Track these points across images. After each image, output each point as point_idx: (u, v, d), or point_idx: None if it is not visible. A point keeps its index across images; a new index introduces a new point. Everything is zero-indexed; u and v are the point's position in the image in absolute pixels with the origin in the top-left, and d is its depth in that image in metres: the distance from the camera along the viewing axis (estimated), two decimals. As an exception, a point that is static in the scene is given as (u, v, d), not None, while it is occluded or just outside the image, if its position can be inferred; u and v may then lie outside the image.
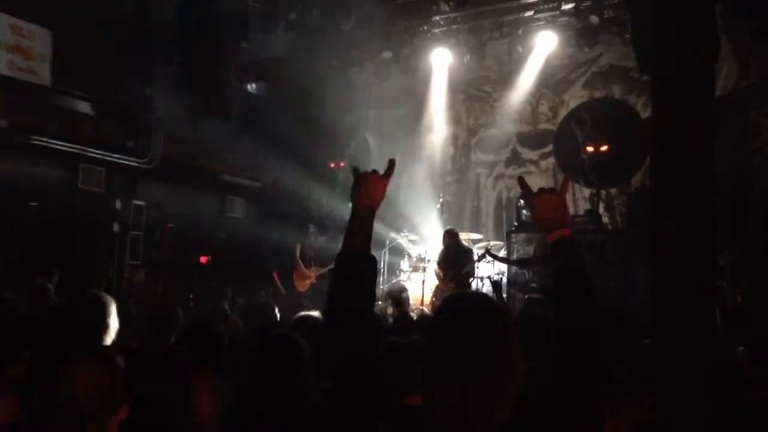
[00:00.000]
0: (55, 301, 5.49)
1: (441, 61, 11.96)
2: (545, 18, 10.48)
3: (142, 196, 9.96)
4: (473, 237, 10.57)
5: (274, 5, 10.16)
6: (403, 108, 13.08)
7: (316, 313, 3.68)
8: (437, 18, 10.91)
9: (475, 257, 9.08)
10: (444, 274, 8.88)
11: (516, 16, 10.69)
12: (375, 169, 1.80)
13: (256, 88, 12.97)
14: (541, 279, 8.41)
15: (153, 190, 10.18)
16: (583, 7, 9.80)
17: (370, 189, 1.75)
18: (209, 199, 11.48)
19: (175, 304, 5.22)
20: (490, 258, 9.21)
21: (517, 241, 9.48)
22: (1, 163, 7.95)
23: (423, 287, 9.65)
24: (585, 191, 11.06)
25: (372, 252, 1.68)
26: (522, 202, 9.68)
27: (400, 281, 10.14)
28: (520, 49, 10.99)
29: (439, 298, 8.98)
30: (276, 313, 5.03)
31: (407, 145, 12.59)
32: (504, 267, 9.57)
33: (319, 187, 11.55)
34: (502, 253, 9.97)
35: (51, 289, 6.62)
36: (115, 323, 2.72)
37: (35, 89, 8.35)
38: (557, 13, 10.25)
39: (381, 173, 1.80)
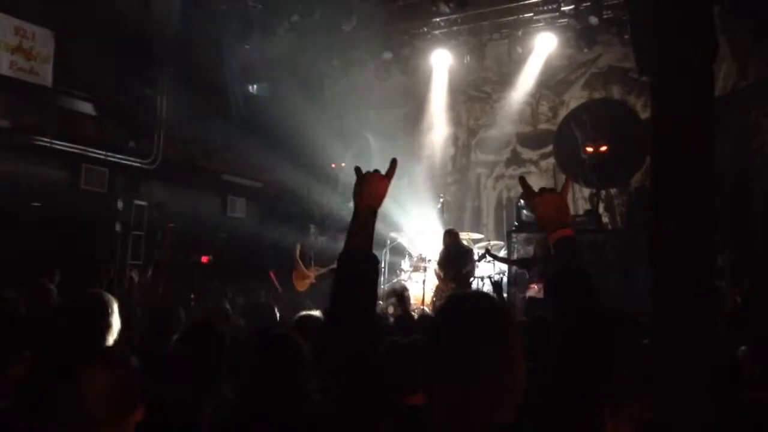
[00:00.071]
0: (57, 300, 5.51)
1: (441, 62, 11.98)
2: (545, 19, 10.48)
3: (143, 196, 9.96)
4: (474, 237, 10.58)
5: (275, 6, 10.17)
6: (403, 108, 13.08)
7: (317, 312, 3.68)
8: (437, 19, 10.92)
9: (476, 257, 9.09)
10: (444, 274, 8.88)
11: (516, 17, 10.69)
12: (377, 169, 1.80)
13: (257, 88, 13.00)
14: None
15: (155, 190, 10.18)
16: (583, 8, 9.81)
17: (371, 189, 1.75)
18: (210, 199, 11.49)
19: (177, 304, 5.23)
20: (490, 258, 9.21)
21: (517, 241, 9.49)
22: (3, 163, 7.96)
23: (423, 287, 9.65)
24: (585, 191, 11.07)
25: (373, 252, 1.69)
26: (522, 202, 9.68)
27: (401, 281, 10.15)
28: (520, 50, 11.00)
29: (440, 298, 8.98)
30: (276, 312, 5.04)
31: (408, 146, 12.59)
32: (504, 267, 9.58)
33: (320, 187, 11.56)
34: (503, 253, 9.97)
35: (53, 289, 6.65)
36: (117, 323, 2.72)
37: (37, 90, 8.36)
38: (557, 14, 10.26)
39: (382, 173, 1.80)
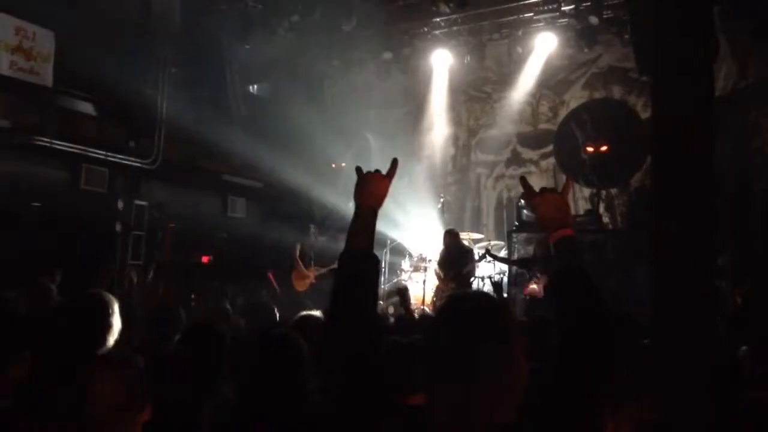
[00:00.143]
0: (57, 300, 5.50)
1: (441, 62, 11.98)
2: (545, 19, 10.49)
3: (144, 197, 9.96)
4: (474, 237, 10.58)
5: (275, 6, 10.17)
6: (403, 108, 13.09)
7: (317, 312, 3.68)
8: (437, 19, 10.93)
9: (476, 257, 9.09)
10: (444, 274, 8.88)
11: (516, 17, 10.69)
12: (378, 169, 1.80)
13: (257, 88, 13.00)
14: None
15: (155, 190, 10.18)
16: (583, 7, 9.81)
17: (372, 189, 1.74)
18: (211, 199, 11.49)
19: (177, 304, 5.23)
20: (490, 258, 9.21)
21: (517, 241, 9.50)
22: (3, 163, 7.95)
23: (424, 287, 9.65)
24: (585, 191, 11.07)
25: (373, 252, 1.68)
26: (522, 201, 9.69)
27: (401, 281, 10.15)
28: (520, 50, 11.00)
29: (440, 298, 8.98)
30: (275, 313, 5.04)
31: (408, 146, 12.60)
32: (504, 267, 9.59)
33: (320, 187, 11.56)
34: (503, 253, 9.97)
35: (53, 289, 6.64)
36: (118, 323, 2.72)
37: (37, 90, 8.35)
38: (557, 14, 10.26)
39: (383, 173, 1.79)
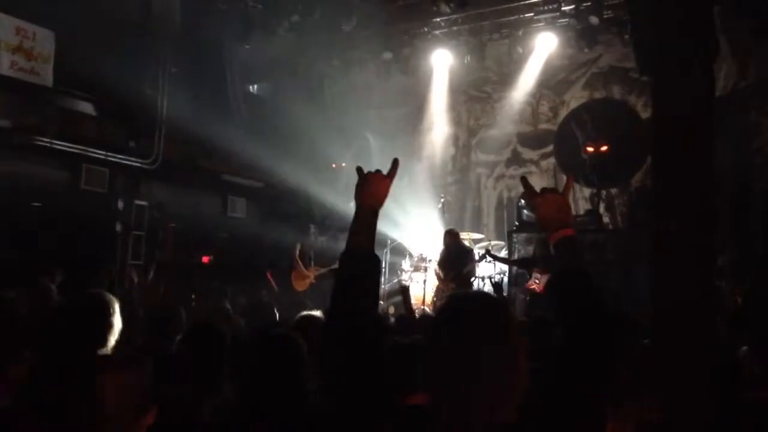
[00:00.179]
0: (58, 300, 5.50)
1: (441, 62, 11.98)
2: (545, 19, 10.49)
3: (144, 196, 9.95)
4: (474, 237, 10.58)
5: (275, 6, 10.17)
6: (403, 108, 13.08)
7: (318, 312, 3.68)
8: (438, 19, 10.93)
9: (476, 257, 9.09)
10: (445, 274, 8.88)
11: (516, 17, 10.69)
12: (378, 169, 1.80)
13: (258, 88, 13.01)
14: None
15: (155, 190, 10.17)
16: (583, 7, 9.81)
17: (373, 189, 1.74)
18: (211, 199, 11.48)
19: (178, 304, 5.23)
20: (490, 258, 9.21)
21: (518, 241, 9.49)
22: (3, 163, 7.95)
23: (424, 287, 9.65)
24: (585, 191, 11.07)
25: (375, 252, 1.68)
26: (523, 201, 9.69)
27: (402, 281, 10.14)
28: (521, 49, 11.00)
29: (440, 298, 8.98)
30: (276, 312, 5.04)
31: (408, 146, 12.60)
32: (505, 267, 9.59)
33: (320, 187, 11.55)
34: (503, 253, 9.97)
35: (53, 289, 6.64)
36: (119, 323, 2.72)
37: (38, 90, 8.35)
38: (557, 14, 10.26)
39: (384, 173, 1.79)
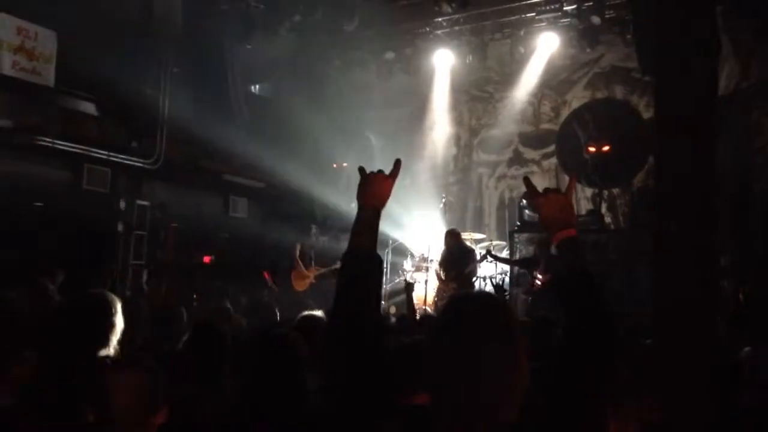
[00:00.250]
0: (58, 300, 5.51)
1: (443, 62, 11.98)
2: (547, 19, 10.47)
3: (146, 197, 9.96)
4: (476, 237, 10.57)
5: (277, 6, 10.17)
6: (405, 108, 13.08)
7: (319, 312, 3.69)
8: (439, 19, 10.92)
9: (477, 257, 9.08)
10: (446, 274, 8.87)
11: (518, 17, 10.68)
12: (381, 169, 1.80)
13: (259, 88, 13.00)
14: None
15: (157, 190, 10.18)
16: (585, 7, 9.80)
17: (375, 189, 1.74)
18: (212, 199, 11.49)
19: (179, 304, 5.25)
20: (491, 258, 9.20)
21: (519, 241, 9.50)
22: (5, 163, 7.96)
23: (426, 287, 9.63)
24: (587, 191, 11.06)
25: (377, 252, 1.68)
26: (524, 201, 9.69)
27: (403, 281, 10.13)
28: (522, 49, 11.00)
29: (441, 299, 8.98)
30: (277, 312, 5.06)
31: (410, 146, 12.59)
32: (506, 267, 9.59)
33: (322, 187, 11.55)
34: (505, 253, 9.97)
35: (51, 288, 6.65)
36: (121, 322, 2.72)
37: (40, 90, 8.35)
38: (559, 14, 10.24)
39: (386, 173, 1.79)
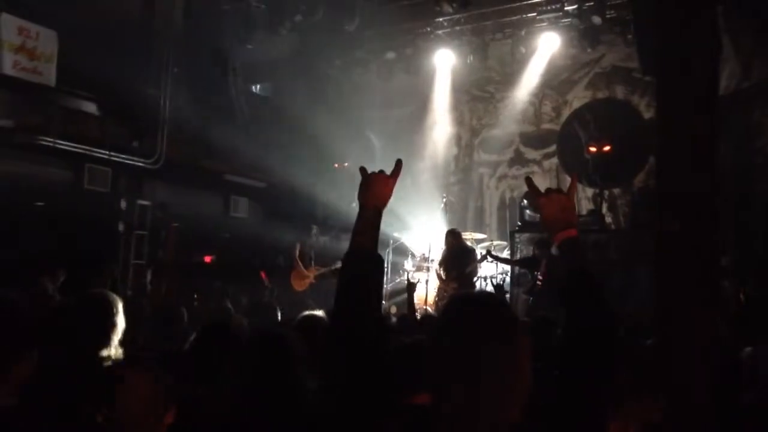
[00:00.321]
0: (59, 300, 5.52)
1: (444, 62, 11.99)
2: (548, 19, 10.47)
3: (146, 196, 9.97)
4: (476, 237, 10.57)
5: (278, 6, 10.18)
6: (406, 108, 13.08)
7: (320, 312, 3.69)
8: (440, 19, 10.93)
9: (478, 257, 9.08)
10: (446, 274, 8.88)
11: (519, 17, 10.69)
12: (382, 169, 1.80)
13: (260, 88, 13.01)
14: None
15: (158, 190, 10.19)
16: (586, 7, 9.80)
17: (377, 189, 1.75)
18: (213, 199, 11.49)
19: (180, 304, 5.26)
20: (491, 259, 9.21)
21: (520, 241, 9.50)
22: (6, 163, 7.97)
23: (427, 287, 9.64)
24: (588, 191, 11.05)
25: (378, 252, 1.69)
26: (525, 202, 9.69)
27: (404, 281, 10.14)
28: (523, 49, 11.00)
29: (442, 298, 8.98)
30: (278, 312, 5.05)
31: (411, 145, 12.60)
32: (507, 267, 9.59)
33: (322, 187, 11.56)
34: (506, 253, 9.97)
35: (50, 288, 6.66)
36: (122, 322, 2.73)
37: (41, 89, 8.35)
38: (560, 14, 10.24)
39: (387, 173, 1.80)
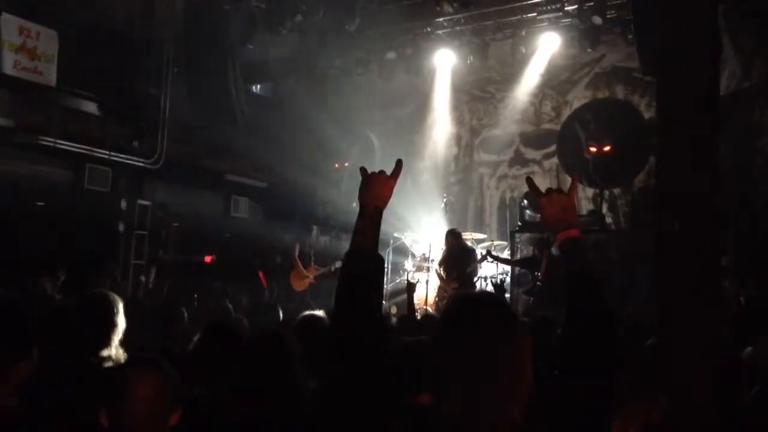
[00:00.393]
0: (59, 300, 5.52)
1: (444, 62, 11.98)
2: (548, 19, 10.46)
3: (147, 196, 9.98)
4: (477, 237, 10.57)
5: (279, 6, 10.18)
6: (406, 108, 13.09)
7: (320, 312, 3.70)
8: (441, 19, 10.92)
9: (478, 257, 9.09)
10: (447, 274, 8.88)
11: (519, 17, 10.67)
12: (382, 169, 1.80)
13: (261, 88, 13.01)
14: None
15: (158, 189, 10.20)
16: (586, 7, 9.78)
17: (377, 189, 1.75)
18: (214, 199, 11.50)
19: (180, 304, 5.26)
20: (491, 259, 9.21)
21: (520, 241, 9.51)
22: (7, 162, 7.98)
23: (427, 287, 9.64)
24: (588, 191, 11.06)
25: (378, 252, 1.69)
26: (525, 201, 9.69)
27: (404, 281, 10.13)
28: (524, 49, 10.99)
29: (442, 299, 8.99)
30: (279, 312, 5.06)
31: (411, 146, 12.61)
32: (507, 267, 9.59)
33: (323, 186, 11.56)
34: (506, 253, 9.98)
35: (50, 288, 6.66)
36: (123, 322, 2.73)
37: (41, 89, 8.36)
38: (560, 14, 10.23)
39: (387, 173, 1.80)
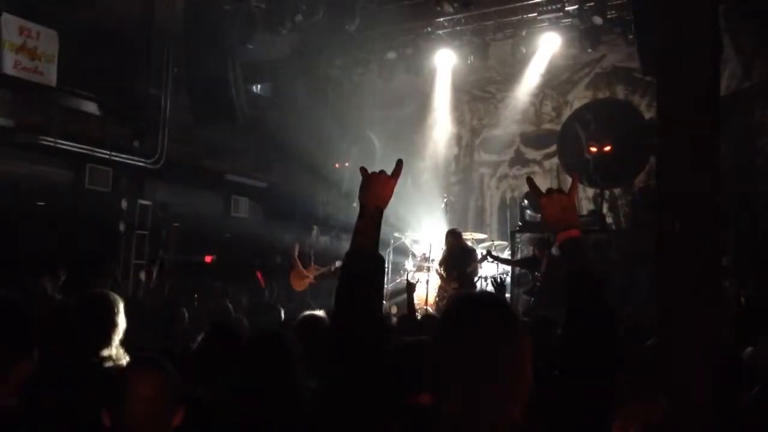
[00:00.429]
0: (59, 300, 5.52)
1: (445, 62, 11.98)
2: (549, 19, 10.45)
3: (147, 196, 10.00)
4: (477, 237, 10.57)
5: (279, 6, 10.18)
6: (407, 108, 13.09)
7: (321, 312, 3.70)
8: (441, 19, 10.92)
9: (478, 257, 9.09)
10: (447, 274, 8.88)
11: (519, 17, 10.67)
12: (382, 169, 1.80)
13: (261, 88, 13.01)
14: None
15: (159, 189, 10.21)
16: (587, 7, 9.78)
17: (378, 189, 1.75)
18: (214, 199, 11.51)
19: (180, 304, 5.26)
20: (491, 259, 9.21)
21: (521, 241, 9.51)
22: (8, 162, 7.99)
23: (427, 287, 9.64)
24: (589, 191, 11.06)
25: (378, 252, 1.69)
26: (526, 201, 9.69)
27: (405, 281, 10.13)
28: (524, 50, 10.98)
29: (442, 299, 8.99)
30: (281, 312, 5.07)
31: (411, 145, 12.61)
32: (508, 267, 9.59)
33: (323, 187, 11.56)
34: (506, 254, 9.98)
35: (50, 288, 6.66)
36: (123, 322, 2.73)
37: (42, 89, 8.38)
38: (560, 14, 10.22)
39: (387, 173, 1.80)
